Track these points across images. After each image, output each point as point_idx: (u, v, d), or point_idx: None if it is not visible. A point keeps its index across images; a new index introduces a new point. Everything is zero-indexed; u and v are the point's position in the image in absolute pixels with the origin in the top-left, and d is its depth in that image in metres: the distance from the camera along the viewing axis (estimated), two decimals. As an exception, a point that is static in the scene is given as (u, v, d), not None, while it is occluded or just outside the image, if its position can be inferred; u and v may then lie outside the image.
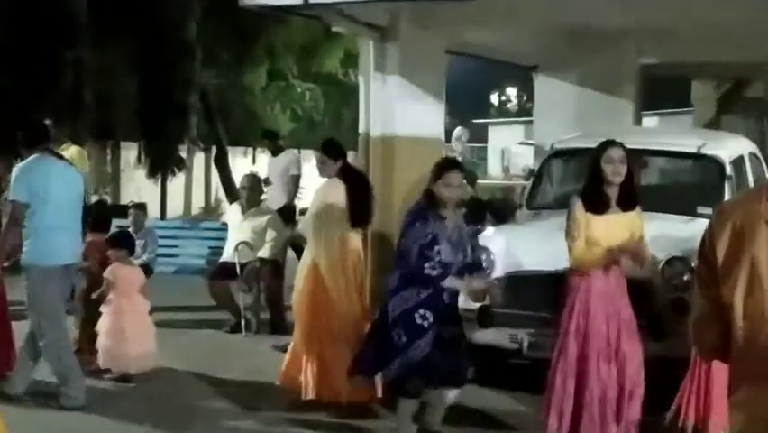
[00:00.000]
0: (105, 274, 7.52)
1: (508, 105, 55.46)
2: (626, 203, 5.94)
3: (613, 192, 5.91)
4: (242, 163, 21.75)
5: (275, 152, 11.99)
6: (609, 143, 5.98)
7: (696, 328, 2.31)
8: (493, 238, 7.33)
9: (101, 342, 7.45)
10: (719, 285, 2.17)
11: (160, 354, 7.70)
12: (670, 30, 9.68)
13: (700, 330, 2.30)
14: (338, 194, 6.85)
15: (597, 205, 5.90)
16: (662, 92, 19.03)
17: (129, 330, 7.37)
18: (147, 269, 10.08)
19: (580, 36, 10.33)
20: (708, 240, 2.22)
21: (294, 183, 11.60)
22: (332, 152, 7.01)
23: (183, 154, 19.73)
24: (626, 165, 5.89)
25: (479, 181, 13.14)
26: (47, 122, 8.08)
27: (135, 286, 7.60)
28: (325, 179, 7.01)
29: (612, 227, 5.86)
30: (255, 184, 10.19)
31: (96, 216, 8.70)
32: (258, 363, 8.03)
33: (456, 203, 5.98)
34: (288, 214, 10.96)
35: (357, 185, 6.94)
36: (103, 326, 7.46)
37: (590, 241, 5.86)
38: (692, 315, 2.31)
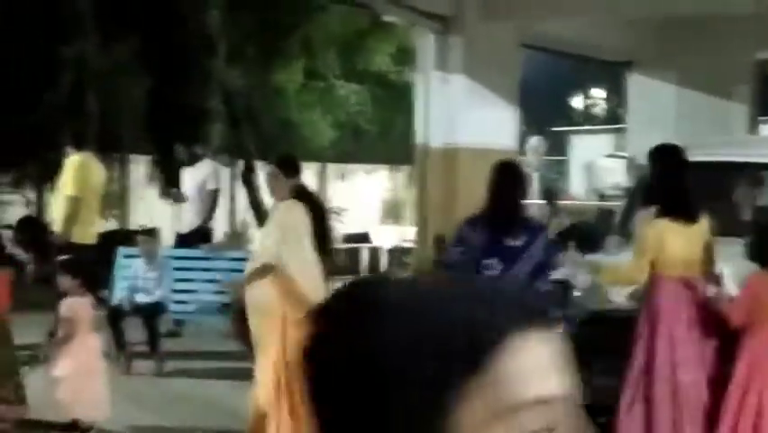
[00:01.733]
0: (63, 312, 7.62)
1: (595, 111, 55.12)
2: None
3: None
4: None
5: (191, 160, 12.06)
6: None
7: None
8: (579, 269, 7.33)
9: (62, 389, 7.51)
10: None
11: (170, 415, 7.70)
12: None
13: None
14: (299, 216, 6.73)
15: None
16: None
17: (94, 372, 7.55)
18: (159, 307, 10.26)
19: (684, 26, 10.30)
20: None
21: (211, 200, 11.63)
22: (286, 166, 6.96)
23: (203, 170, 19.87)
24: None
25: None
26: None
27: (91, 322, 7.76)
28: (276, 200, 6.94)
29: None
30: (290, 205, 10.26)
31: None
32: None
33: None
34: (201, 237, 11.05)
35: (316, 210, 6.84)
36: (65, 371, 7.53)
37: None
38: None
